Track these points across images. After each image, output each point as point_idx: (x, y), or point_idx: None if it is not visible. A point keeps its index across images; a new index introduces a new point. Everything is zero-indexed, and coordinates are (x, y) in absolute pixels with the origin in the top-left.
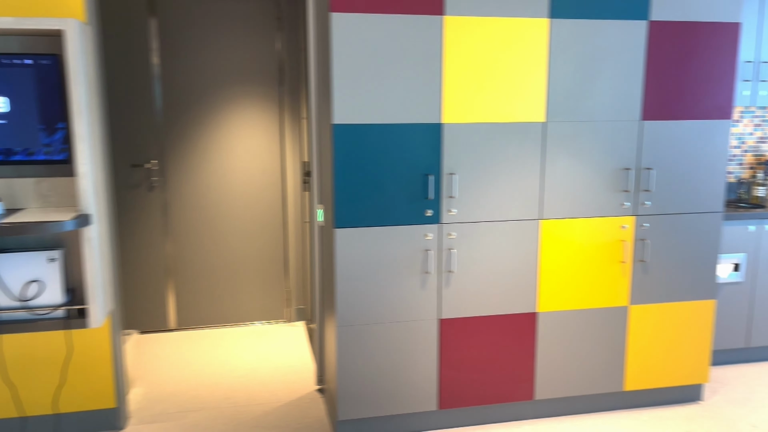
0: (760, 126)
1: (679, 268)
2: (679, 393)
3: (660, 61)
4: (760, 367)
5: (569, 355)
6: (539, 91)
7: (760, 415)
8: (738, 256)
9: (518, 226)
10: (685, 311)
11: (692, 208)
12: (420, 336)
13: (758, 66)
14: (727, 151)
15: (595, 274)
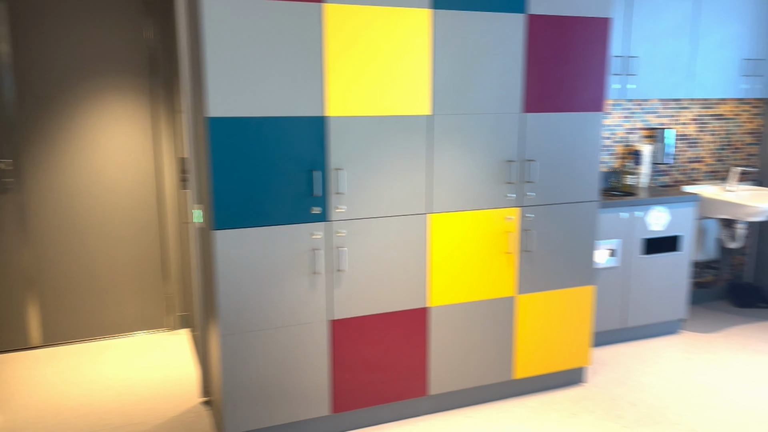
0: (629, 118)
1: (561, 257)
2: (564, 377)
3: (538, 55)
4: (634, 346)
5: (461, 348)
6: (424, 84)
7: (637, 394)
8: (613, 242)
9: (407, 220)
10: (567, 298)
11: (571, 197)
12: (311, 339)
13: (627, 60)
14: (601, 143)
15: (483, 266)
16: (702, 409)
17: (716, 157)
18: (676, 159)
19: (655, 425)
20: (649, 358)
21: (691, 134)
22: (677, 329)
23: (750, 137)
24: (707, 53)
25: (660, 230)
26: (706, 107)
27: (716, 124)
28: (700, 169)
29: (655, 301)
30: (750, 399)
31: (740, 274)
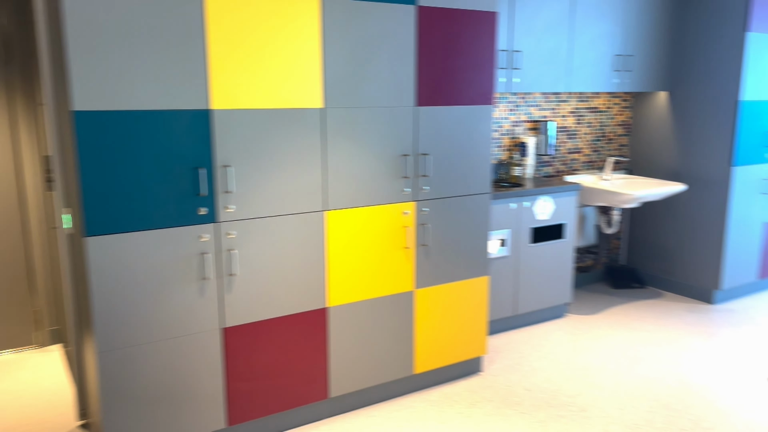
0: (514, 111)
1: (457, 249)
2: (462, 368)
3: (430, 48)
4: (525, 332)
5: (362, 346)
6: (315, 76)
7: (531, 379)
8: (503, 232)
9: (303, 219)
10: (464, 290)
11: (465, 190)
12: (202, 350)
13: (511, 55)
14: (491, 135)
15: (381, 262)
16: (590, 388)
17: (593, 148)
18: (558, 150)
19: (550, 408)
20: (539, 342)
21: (570, 126)
22: (563, 313)
23: (621, 129)
24: (583, 49)
25: (546, 219)
26: (582, 101)
27: (592, 117)
28: (579, 160)
29: (543, 287)
30: (631, 375)
31: (616, 258)
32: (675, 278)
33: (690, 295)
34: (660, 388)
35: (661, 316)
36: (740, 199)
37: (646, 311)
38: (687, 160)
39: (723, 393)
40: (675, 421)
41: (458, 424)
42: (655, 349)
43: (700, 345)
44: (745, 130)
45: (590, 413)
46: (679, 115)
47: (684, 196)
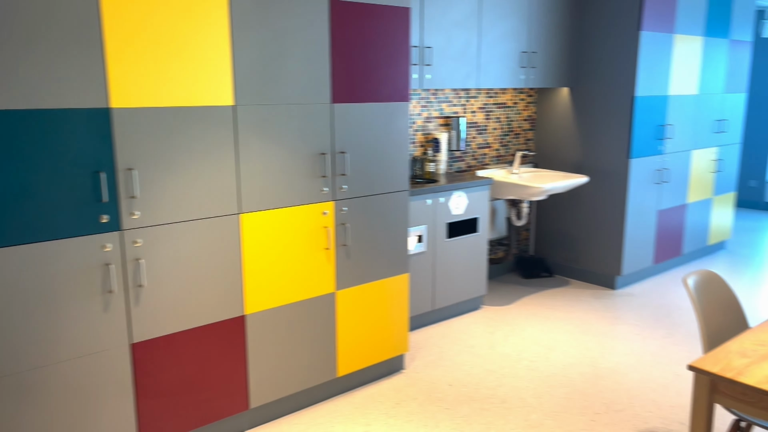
0: (426, 107)
1: (377, 248)
2: (385, 367)
3: (344, 43)
4: (444, 326)
5: (282, 353)
6: (225, 71)
7: (453, 373)
8: (420, 228)
9: (216, 223)
10: (385, 288)
11: (383, 188)
12: (108, 369)
13: (422, 51)
14: (408, 132)
15: (302, 265)
16: (510, 379)
17: (501, 143)
18: (469, 145)
19: (473, 402)
20: (458, 336)
21: (480, 122)
22: (479, 305)
23: (527, 124)
24: (491, 46)
25: (460, 214)
26: (490, 96)
27: (500, 112)
28: (489, 154)
29: (459, 281)
30: (547, 363)
31: (525, 248)
32: (580, 266)
33: (594, 282)
34: (574, 374)
35: (570, 304)
36: (636, 190)
37: (556, 299)
38: (588, 153)
39: (630, 375)
40: (590, 406)
41: (383, 424)
42: (567, 336)
43: (607, 329)
44: (640, 124)
45: (511, 404)
46: (580, 110)
47: (586, 187)
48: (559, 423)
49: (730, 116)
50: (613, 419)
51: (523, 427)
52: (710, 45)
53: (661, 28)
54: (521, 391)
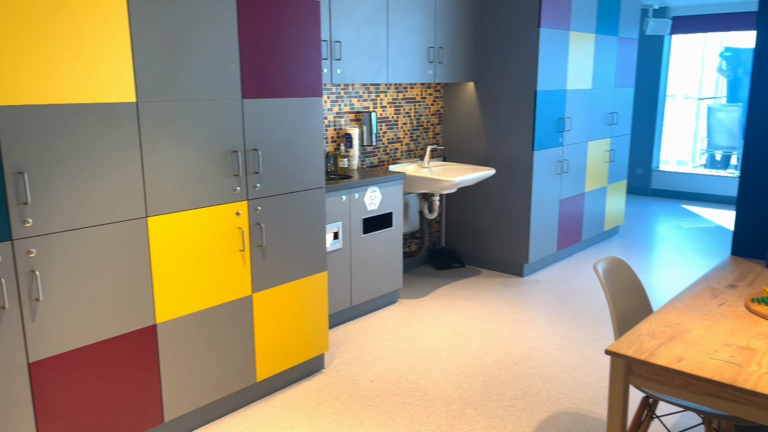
0: (337, 102)
1: (294, 247)
2: (306, 367)
3: (253, 37)
4: (362, 322)
5: (198, 361)
6: (125, 65)
7: (374, 369)
8: (336, 225)
9: (121, 228)
10: (303, 288)
11: (298, 186)
12: (3, 393)
13: (332, 45)
14: (322, 128)
15: (216, 269)
16: (429, 371)
17: (412, 137)
18: (380, 140)
19: (395, 397)
20: (377, 331)
21: (390, 117)
22: (396, 299)
23: (435, 118)
24: (399, 41)
25: (375, 209)
26: (399, 91)
27: (409, 107)
28: (400, 149)
29: (376, 276)
30: (464, 353)
31: (438, 241)
32: (490, 256)
33: (504, 270)
34: (490, 362)
35: (482, 293)
36: (540, 180)
37: (469, 289)
38: (494, 146)
39: (542, 359)
40: (507, 392)
41: (307, 426)
42: (481, 324)
43: (518, 316)
44: (542, 118)
45: (432, 396)
46: (486, 104)
47: (493, 179)
48: (479, 411)
49: (620, 109)
50: (530, 403)
51: (445, 418)
52: (601, 42)
53: (557, 26)
54: (441, 382)
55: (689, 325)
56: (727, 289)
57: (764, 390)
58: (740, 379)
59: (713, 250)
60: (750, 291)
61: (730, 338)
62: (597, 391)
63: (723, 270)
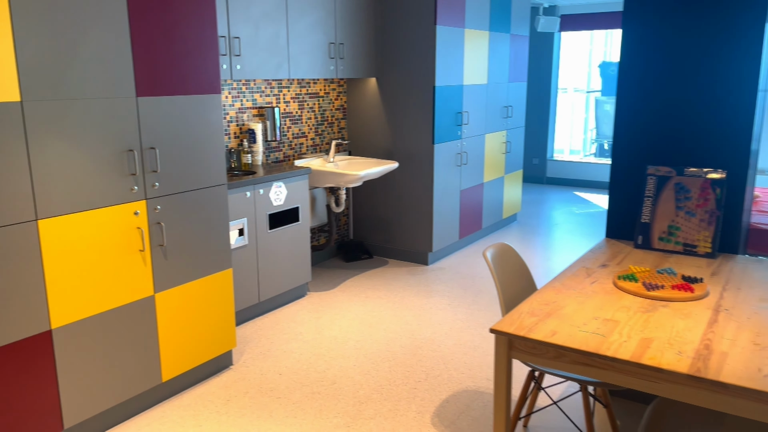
0: (238, 98)
1: (197, 245)
2: (214, 365)
3: (145, 34)
4: (271, 317)
5: (99, 365)
6: (6, 63)
7: (283, 363)
8: (241, 221)
9: (7, 233)
10: (208, 286)
11: (199, 183)
12: None
13: (231, 41)
14: (222, 125)
15: (114, 270)
16: (338, 360)
17: (316, 132)
18: (285, 135)
19: (303, 387)
20: (286, 325)
21: (294, 112)
22: (305, 292)
23: (339, 113)
24: (300, 37)
25: (281, 204)
26: (303, 87)
27: (313, 102)
28: (305, 144)
29: (284, 271)
30: (371, 341)
31: (346, 233)
32: (396, 246)
33: (409, 260)
34: (396, 348)
35: (389, 282)
36: (441, 172)
37: (376, 279)
38: (397, 139)
39: (445, 342)
40: (411, 375)
41: (215, 422)
42: (388, 313)
43: (422, 303)
44: (440, 112)
45: (340, 384)
46: (388, 99)
47: (397, 172)
48: (385, 395)
49: (515, 103)
50: (432, 384)
51: (352, 404)
52: (495, 39)
53: (453, 23)
54: (349, 370)
55: (564, 302)
56: (599, 269)
57: (623, 356)
58: (603, 347)
59: (599, 232)
60: (619, 269)
61: (598, 312)
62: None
63: (597, 251)
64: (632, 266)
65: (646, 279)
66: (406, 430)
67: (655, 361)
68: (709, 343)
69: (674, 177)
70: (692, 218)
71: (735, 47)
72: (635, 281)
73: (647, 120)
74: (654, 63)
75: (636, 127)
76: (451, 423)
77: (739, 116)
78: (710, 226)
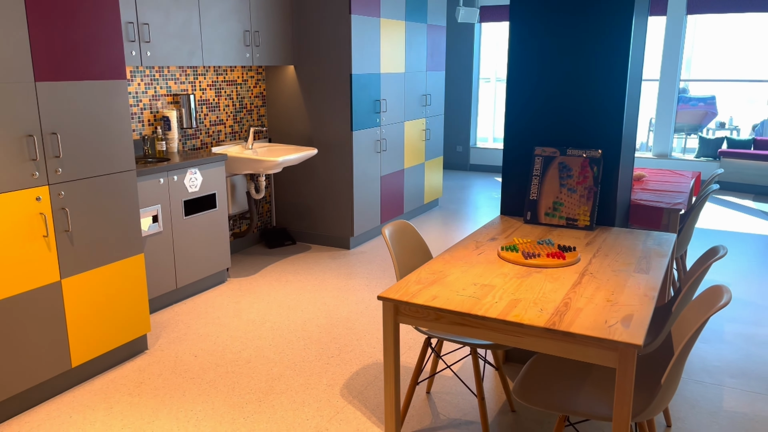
0: (152, 85)
1: (106, 231)
2: (127, 350)
3: (43, 18)
4: (189, 304)
5: (3, 351)
6: None
7: (199, 345)
8: (155, 208)
9: None
10: (118, 271)
11: (106, 169)
12: None
13: (139, 27)
14: (128, 111)
15: (17, 256)
16: (254, 341)
17: (235, 119)
18: (201, 123)
19: (218, 368)
20: (204, 311)
21: (211, 99)
22: (224, 278)
23: (258, 100)
24: (213, 24)
25: (196, 191)
26: (219, 74)
27: (230, 90)
28: (223, 131)
29: (201, 257)
30: (288, 322)
31: (269, 220)
32: (318, 231)
33: (332, 245)
34: (312, 327)
35: (310, 267)
36: (360, 159)
37: (298, 264)
38: (316, 127)
39: (359, 320)
40: (325, 351)
41: (127, 404)
42: (307, 295)
43: (341, 285)
44: (358, 100)
45: (254, 363)
46: (306, 87)
47: (317, 159)
48: (297, 371)
49: (433, 91)
50: (344, 359)
51: (265, 380)
52: (411, 29)
53: (368, 13)
54: (264, 350)
55: (449, 271)
56: (488, 242)
57: (491, 315)
58: (475, 308)
59: None
60: (505, 242)
61: (478, 279)
62: (404, 344)
63: (490, 227)
64: (516, 238)
65: (526, 249)
66: (316, 401)
67: (518, 317)
68: (569, 301)
69: (558, 157)
70: (573, 194)
71: (607, 41)
72: (516, 251)
73: (535, 106)
74: (539, 54)
75: (525, 112)
76: (359, 393)
77: (613, 102)
78: (588, 201)
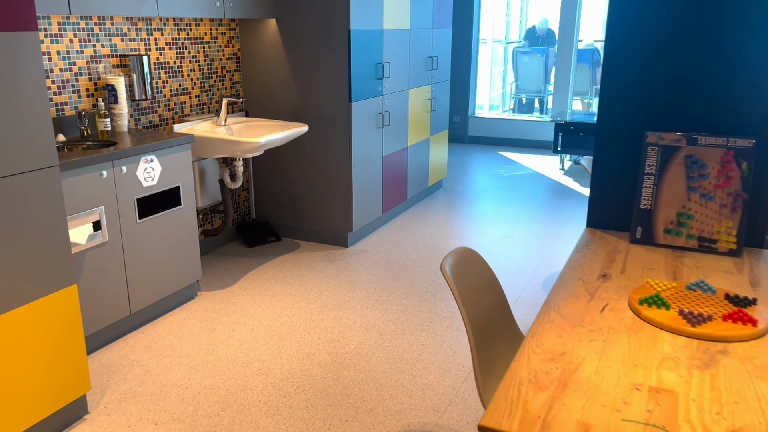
0: (89, 42)
1: (10, 260)
2: (60, 419)
3: None
4: (148, 333)
5: None
6: None
7: (160, 405)
8: (95, 212)
9: None
10: (36, 315)
11: (13, 167)
12: None
13: None
14: (44, 77)
15: None
16: (236, 394)
17: (203, 88)
18: (159, 92)
19: None
20: (167, 343)
21: (171, 62)
22: (195, 293)
23: (232, 63)
24: None
25: (153, 185)
26: (181, 29)
27: (196, 50)
28: (188, 103)
29: (163, 271)
30: (280, 360)
31: (246, 212)
32: (309, 225)
33: (326, 241)
34: (314, 369)
35: (302, 272)
36: (360, 136)
37: (286, 270)
38: (306, 97)
39: (375, 356)
40: (336, 410)
41: None
42: (302, 316)
43: (344, 299)
44: (357, 62)
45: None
46: (292, 46)
47: (307, 137)
48: None
49: (440, 53)
50: (364, 424)
51: None
52: None
53: None
54: (252, 409)
55: (577, 353)
56: (600, 282)
57: None
58: None
59: (534, 198)
60: (627, 282)
61: (635, 373)
62: (440, 394)
63: (585, 250)
64: (650, 280)
65: (681, 305)
66: None
67: None
68: None
69: (684, 147)
70: (710, 203)
71: None
72: (666, 308)
73: (647, 72)
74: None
75: (631, 82)
76: None
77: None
78: (734, 213)
